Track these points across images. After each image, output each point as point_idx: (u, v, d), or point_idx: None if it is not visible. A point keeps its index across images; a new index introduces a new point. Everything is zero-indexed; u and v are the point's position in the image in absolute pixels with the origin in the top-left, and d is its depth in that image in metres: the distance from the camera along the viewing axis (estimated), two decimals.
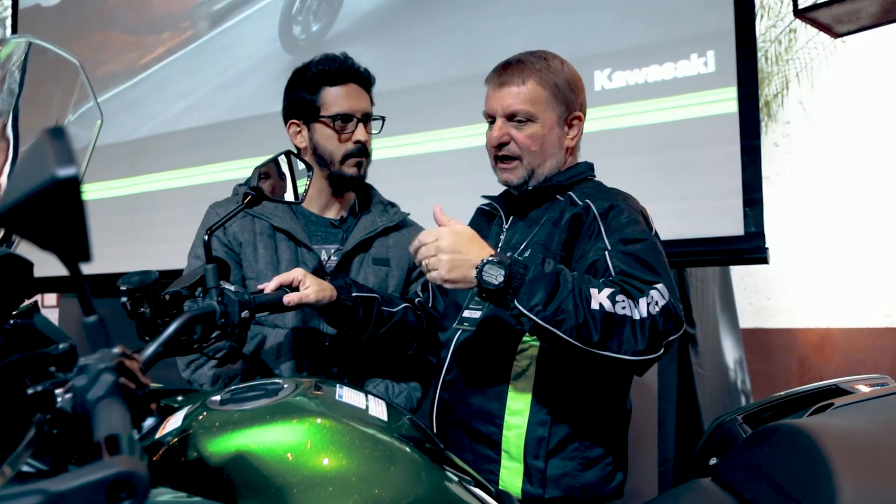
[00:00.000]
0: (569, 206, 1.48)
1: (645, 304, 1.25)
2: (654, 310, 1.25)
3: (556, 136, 1.53)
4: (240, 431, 0.99)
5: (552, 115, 1.51)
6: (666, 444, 2.74)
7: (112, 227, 3.62)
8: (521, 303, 1.23)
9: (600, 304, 1.23)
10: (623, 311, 1.23)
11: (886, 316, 3.84)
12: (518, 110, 1.50)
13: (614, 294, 1.24)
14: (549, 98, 1.51)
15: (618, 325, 1.23)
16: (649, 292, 1.26)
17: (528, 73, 1.50)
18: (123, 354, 0.68)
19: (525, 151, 1.51)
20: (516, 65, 1.53)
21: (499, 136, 1.51)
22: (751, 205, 2.26)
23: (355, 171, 1.75)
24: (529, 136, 1.51)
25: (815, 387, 1.44)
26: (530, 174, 1.53)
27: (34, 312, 0.99)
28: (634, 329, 1.24)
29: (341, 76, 1.72)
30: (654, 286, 1.28)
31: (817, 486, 1.02)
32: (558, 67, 1.53)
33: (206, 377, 1.68)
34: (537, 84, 1.50)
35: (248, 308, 1.32)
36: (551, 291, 1.23)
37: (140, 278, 1.20)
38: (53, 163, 0.49)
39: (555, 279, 1.24)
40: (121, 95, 3.77)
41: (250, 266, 1.72)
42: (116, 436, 0.56)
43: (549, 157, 1.53)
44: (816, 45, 3.87)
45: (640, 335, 1.24)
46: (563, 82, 1.52)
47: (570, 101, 1.53)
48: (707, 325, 3.12)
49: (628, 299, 1.24)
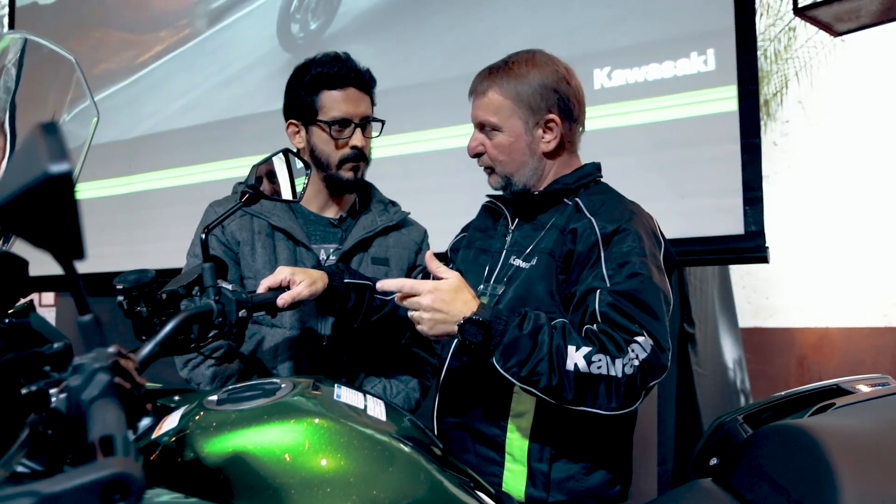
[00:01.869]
0: (575, 215, 1.45)
1: (621, 364, 1.24)
2: (629, 369, 1.24)
3: (524, 144, 1.50)
4: (237, 432, 0.98)
5: (517, 123, 1.49)
6: (665, 444, 2.74)
7: (109, 225, 3.61)
8: (499, 363, 1.26)
9: (575, 364, 1.23)
10: (599, 371, 1.24)
11: (885, 315, 3.84)
12: (484, 121, 1.50)
13: (591, 354, 1.24)
14: (511, 106, 1.48)
15: (592, 383, 1.24)
16: (629, 348, 1.26)
17: (488, 82, 1.50)
18: (119, 354, 0.67)
19: (495, 161, 1.52)
20: (482, 74, 1.53)
21: (473, 147, 1.54)
22: (751, 203, 2.26)
23: (351, 175, 1.73)
24: (496, 145, 1.51)
25: (816, 387, 1.44)
26: (506, 180, 1.53)
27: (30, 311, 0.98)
28: (609, 388, 1.24)
29: (340, 80, 1.69)
30: (636, 339, 1.27)
31: (819, 486, 1.01)
32: (523, 72, 1.49)
33: (204, 376, 1.67)
34: (497, 93, 1.49)
35: (246, 307, 1.31)
36: (528, 354, 1.24)
37: (137, 277, 1.19)
38: (46, 159, 0.48)
39: (532, 341, 1.25)
40: (118, 94, 3.76)
41: (248, 265, 1.71)
42: (111, 436, 0.55)
43: (522, 166, 1.51)
44: (816, 44, 3.86)
45: (614, 394, 1.25)
46: (527, 88, 1.48)
47: (536, 106, 1.48)
48: (706, 324, 3.11)
49: (605, 356, 1.24)
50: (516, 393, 1.42)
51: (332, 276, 1.50)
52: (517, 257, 1.49)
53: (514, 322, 1.27)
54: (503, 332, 1.26)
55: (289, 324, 1.69)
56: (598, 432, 1.43)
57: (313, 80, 1.70)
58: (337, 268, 1.56)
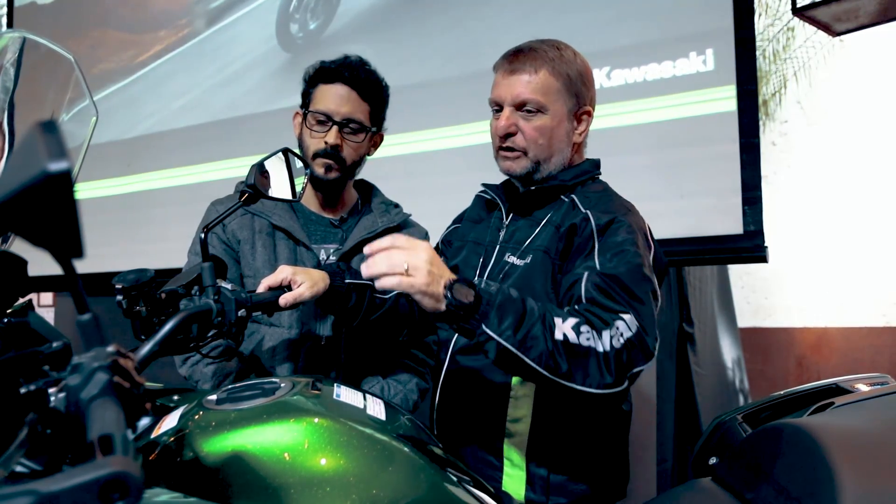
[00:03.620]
0: (570, 211, 1.43)
1: (608, 336, 1.19)
2: (617, 343, 1.19)
3: (564, 131, 1.46)
4: (236, 431, 0.98)
5: (563, 108, 1.45)
6: (664, 444, 2.74)
7: (108, 225, 3.61)
8: (491, 327, 1.16)
9: (564, 334, 1.17)
10: (588, 343, 1.18)
11: (884, 315, 3.84)
12: (528, 100, 1.43)
13: (578, 325, 1.19)
14: (560, 89, 1.44)
15: (582, 356, 1.17)
16: (615, 323, 1.21)
17: (541, 61, 1.44)
18: (118, 353, 0.67)
19: (531, 144, 1.45)
20: (529, 52, 1.46)
21: (506, 126, 1.45)
22: (750, 203, 2.26)
23: (322, 171, 1.71)
24: (538, 127, 1.44)
25: (815, 386, 1.44)
26: (535, 167, 1.47)
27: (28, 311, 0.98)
28: (599, 362, 1.18)
29: (333, 75, 1.70)
30: (621, 316, 1.22)
31: (818, 485, 1.01)
32: (571, 58, 1.46)
33: (202, 374, 1.66)
34: (550, 74, 1.43)
35: (245, 307, 1.31)
36: (520, 317, 1.16)
37: (136, 276, 1.19)
38: (45, 157, 0.48)
39: (521, 305, 1.18)
40: (117, 93, 3.75)
41: (248, 264, 1.71)
42: (110, 435, 0.55)
43: (556, 153, 1.47)
44: (815, 44, 3.86)
45: (604, 369, 1.18)
46: (576, 74, 1.45)
47: (581, 95, 1.46)
48: (705, 324, 3.11)
49: (592, 330, 1.19)
50: (513, 398, 1.41)
51: (333, 275, 1.50)
52: (512, 254, 1.47)
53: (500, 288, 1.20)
54: (492, 297, 1.17)
55: (287, 323, 1.69)
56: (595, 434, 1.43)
57: (316, 73, 1.74)
58: (338, 267, 1.56)
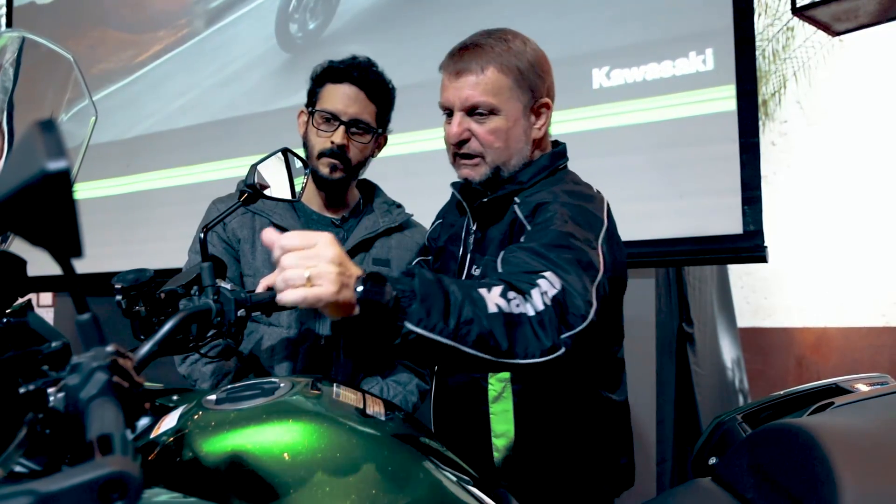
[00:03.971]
0: (514, 223, 1.33)
1: (538, 294, 1.04)
2: (545, 301, 1.04)
3: (521, 129, 1.36)
4: (236, 431, 0.98)
5: (517, 105, 1.34)
6: (664, 444, 2.74)
7: (108, 225, 3.61)
8: (420, 324, 0.95)
9: (497, 305, 1.01)
10: (519, 310, 1.02)
11: (884, 315, 3.84)
12: (478, 103, 1.32)
13: (505, 291, 1.03)
14: (512, 86, 1.33)
15: (518, 326, 1.02)
16: (537, 282, 1.06)
17: (487, 58, 1.32)
18: (117, 353, 0.67)
19: (488, 148, 1.35)
20: (473, 49, 1.34)
21: (458, 133, 1.35)
22: (749, 203, 2.26)
23: (327, 171, 1.71)
24: (492, 130, 1.33)
25: (815, 386, 1.44)
26: (495, 171, 1.37)
27: (28, 311, 0.98)
28: (533, 327, 1.02)
29: (341, 74, 1.69)
30: (542, 275, 1.07)
31: (818, 485, 1.01)
32: (521, 49, 1.34)
33: (201, 373, 1.66)
34: (498, 71, 1.32)
35: (245, 307, 1.31)
36: (444, 302, 0.97)
37: (135, 276, 1.19)
38: (43, 156, 0.48)
39: (441, 288, 0.99)
40: (116, 94, 3.75)
41: (248, 263, 1.71)
42: (109, 435, 0.55)
43: (515, 153, 1.37)
44: (814, 44, 3.86)
45: (541, 332, 1.03)
46: (528, 66, 1.34)
47: (536, 87, 1.35)
48: (705, 323, 3.11)
49: (518, 294, 1.04)
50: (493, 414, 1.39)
51: None
52: (475, 266, 1.42)
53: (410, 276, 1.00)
54: (409, 289, 0.96)
55: (287, 323, 1.69)
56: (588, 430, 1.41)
57: (324, 72, 1.73)
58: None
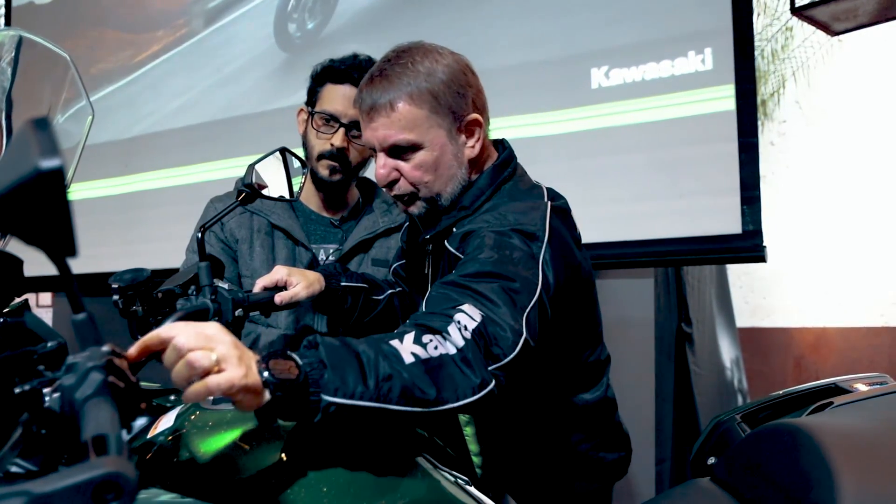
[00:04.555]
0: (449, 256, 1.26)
1: (456, 329, 0.99)
2: (465, 335, 0.99)
3: (450, 154, 1.27)
4: (233, 431, 0.97)
5: (439, 133, 1.25)
6: (663, 444, 2.74)
7: (106, 225, 3.60)
8: (338, 393, 0.88)
9: (412, 353, 0.94)
10: (438, 351, 0.96)
11: (882, 315, 3.84)
12: (397, 141, 1.25)
13: (418, 336, 0.97)
14: (428, 115, 1.24)
15: (441, 369, 0.95)
16: (454, 317, 1.01)
17: (395, 91, 1.23)
18: (113, 353, 0.67)
19: (419, 184, 1.28)
20: (378, 82, 1.25)
21: (385, 174, 1.27)
22: (748, 203, 2.26)
23: (326, 173, 1.70)
24: (418, 166, 1.26)
25: (814, 385, 1.43)
26: (432, 203, 1.30)
27: (25, 311, 0.98)
28: (458, 365, 0.97)
29: (342, 75, 1.68)
30: (458, 308, 1.02)
31: (817, 485, 1.01)
32: (430, 69, 1.24)
33: None
34: (409, 103, 1.23)
35: (242, 307, 1.31)
36: (358, 365, 0.90)
37: (132, 276, 1.19)
38: (37, 154, 0.48)
39: (350, 350, 0.92)
40: (115, 93, 3.75)
41: (246, 263, 1.70)
42: (104, 436, 0.55)
43: (450, 179, 1.29)
44: (813, 44, 3.86)
45: (467, 369, 0.97)
46: (441, 86, 1.24)
47: (456, 107, 1.26)
48: (703, 323, 3.11)
49: (433, 334, 0.98)
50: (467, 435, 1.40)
51: (329, 277, 1.48)
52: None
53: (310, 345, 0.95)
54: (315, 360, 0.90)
55: (284, 324, 1.69)
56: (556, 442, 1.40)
57: (324, 71, 1.71)
58: (334, 268, 1.55)
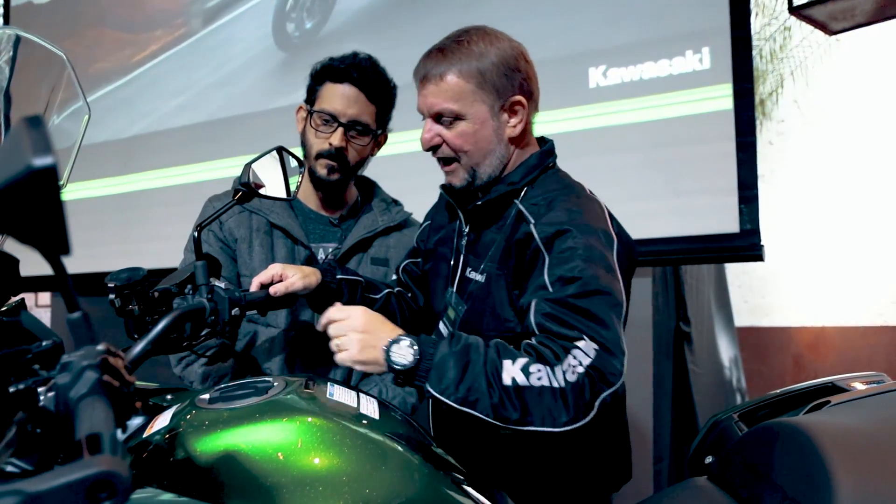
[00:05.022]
0: (516, 224, 1.35)
1: (561, 371, 1.12)
2: (572, 376, 1.12)
3: (490, 130, 1.36)
4: (229, 430, 0.97)
5: (482, 108, 1.34)
6: (661, 443, 2.74)
7: (104, 225, 3.60)
8: (432, 385, 1.13)
9: (513, 378, 1.11)
10: (539, 383, 1.11)
11: (881, 314, 3.84)
12: (442, 110, 1.34)
13: (528, 364, 1.12)
14: (474, 90, 1.33)
15: (536, 398, 1.11)
16: (570, 353, 1.13)
17: (446, 64, 1.33)
18: (108, 351, 0.66)
19: (459, 152, 1.37)
20: (435, 56, 1.35)
21: (428, 139, 1.37)
22: (746, 202, 2.26)
23: (324, 172, 1.69)
24: (459, 135, 1.35)
25: (812, 384, 1.44)
26: (472, 174, 1.39)
27: (20, 310, 0.97)
28: (556, 398, 1.11)
29: (341, 74, 1.67)
30: (576, 345, 1.14)
31: (814, 484, 1.01)
32: (483, 51, 1.34)
33: (197, 374, 1.66)
34: (458, 77, 1.32)
35: (239, 306, 1.31)
36: (461, 371, 1.12)
37: (128, 275, 1.19)
38: (30, 152, 0.48)
39: (465, 357, 1.13)
40: (113, 93, 3.74)
41: (245, 263, 1.70)
42: (98, 434, 0.55)
43: (488, 154, 1.37)
44: (811, 44, 3.86)
45: (562, 405, 1.11)
46: (490, 67, 1.33)
47: (501, 87, 1.34)
48: (702, 323, 3.11)
49: (545, 366, 1.12)
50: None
51: (325, 273, 1.48)
52: (472, 269, 1.42)
53: (443, 341, 1.16)
54: (432, 353, 1.14)
55: (283, 323, 1.69)
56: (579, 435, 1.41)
57: (324, 70, 1.70)
58: (329, 265, 1.54)
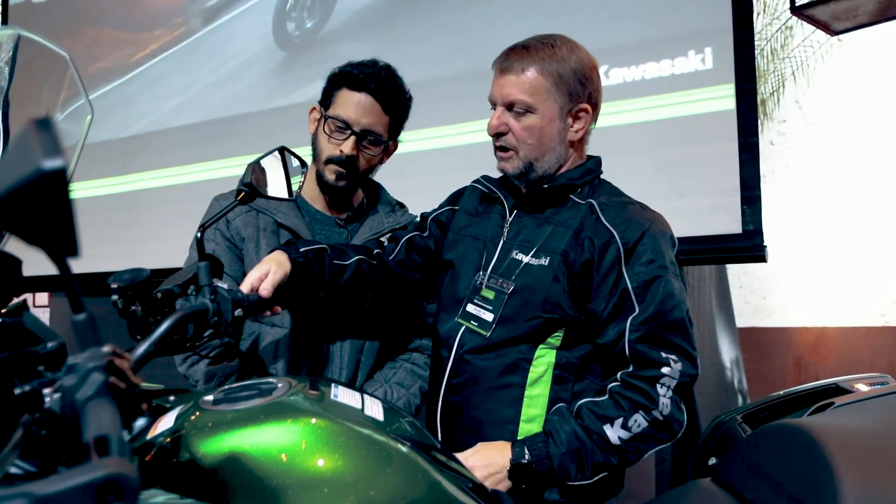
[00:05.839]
0: (592, 221, 1.43)
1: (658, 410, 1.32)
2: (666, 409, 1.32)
3: (555, 129, 1.45)
4: (233, 432, 0.97)
5: (553, 107, 1.44)
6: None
7: (104, 225, 3.60)
8: (570, 479, 1.33)
9: (618, 437, 1.32)
10: (640, 429, 1.32)
11: (883, 315, 3.84)
12: (516, 100, 1.43)
13: (625, 421, 1.31)
14: (550, 88, 1.43)
15: (644, 437, 1.33)
16: (659, 389, 1.32)
17: (530, 60, 1.43)
18: (113, 353, 0.66)
19: (521, 143, 1.45)
20: (520, 51, 1.45)
21: (496, 125, 1.46)
22: (749, 202, 2.26)
23: (333, 178, 1.69)
24: (526, 127, 1.44)
25: (815, 386, 1.44)
26: (528, 166, 1.47)
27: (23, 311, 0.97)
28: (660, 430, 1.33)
29: (359, 83, 1.67)
30: (663, 372, 1.33)
31: (818, 485, 1.01)
32: (565, 55, 1.44)
33: (202, 374, 1.65)
34: (539, 73, 1.42)
35: (242, 306, 1.30)
36: (579, 461, 1.32)
37: (131, 276, 1.18)
38: (39, 155, 0.48)
39: (576, 444, 1.31)
40: (113, 92, 3.74)
41: (252, 262, 1.69)
42: (106, 437, 0.54)
43: (548, 151, 1.46)
44: (813, 44, 3.86)
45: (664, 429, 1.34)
46: (569, 72, 1.43)
47: (575, 93, 1.44)
48: (703, 323, 3.11)
49: (640, 414, 1.32)
50: (527, 397, 1.41)
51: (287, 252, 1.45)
52: (520, 251, 1.46)
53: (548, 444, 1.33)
54: (548, 456, 1.32)
55: (288, 323, 1.68)
56: None
57: (341, 75, 1.70)
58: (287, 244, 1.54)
